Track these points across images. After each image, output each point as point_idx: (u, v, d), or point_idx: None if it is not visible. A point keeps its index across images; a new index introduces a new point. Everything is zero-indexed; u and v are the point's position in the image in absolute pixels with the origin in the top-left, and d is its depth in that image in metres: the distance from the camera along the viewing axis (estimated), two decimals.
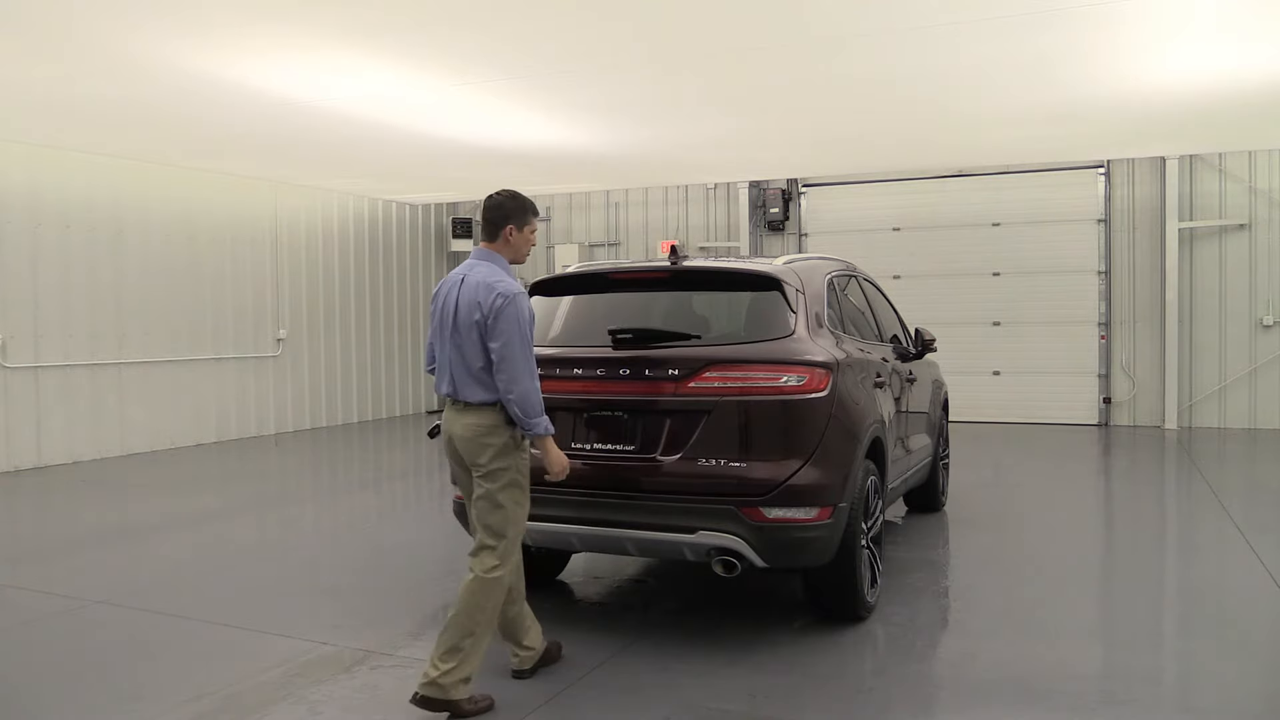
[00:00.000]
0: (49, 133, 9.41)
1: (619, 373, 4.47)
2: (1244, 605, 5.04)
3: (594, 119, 9.19)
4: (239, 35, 6.41)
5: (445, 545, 6.29)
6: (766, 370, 4.33)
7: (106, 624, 4.91)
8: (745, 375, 4.32)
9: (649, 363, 4.43)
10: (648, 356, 4.44)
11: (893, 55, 7.20)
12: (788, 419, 4.32)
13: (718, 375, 4.32)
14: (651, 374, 4.41)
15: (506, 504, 3.76)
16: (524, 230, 3.94)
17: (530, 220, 3.97)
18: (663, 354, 4.43)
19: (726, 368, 4.34)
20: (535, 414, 3.69)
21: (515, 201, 3.94)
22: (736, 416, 4.30)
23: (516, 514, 3.81)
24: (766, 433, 4.32)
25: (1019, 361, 12.97)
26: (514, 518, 3.81)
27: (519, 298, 3.71)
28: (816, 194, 14.00)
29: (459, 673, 3.59)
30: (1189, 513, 7.89)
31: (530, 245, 4.01)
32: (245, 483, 9.57)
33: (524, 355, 3.68)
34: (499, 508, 3.75)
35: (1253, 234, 11.93)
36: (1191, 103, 8.72)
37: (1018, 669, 4.14)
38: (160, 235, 11.23)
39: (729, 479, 4.26)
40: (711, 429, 4.30)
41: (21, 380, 9.82)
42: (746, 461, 4.27)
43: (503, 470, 3.74)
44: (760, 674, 4.05)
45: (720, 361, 4.36)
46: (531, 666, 4.04)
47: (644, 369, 4.42)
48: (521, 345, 3.68)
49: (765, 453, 4.28)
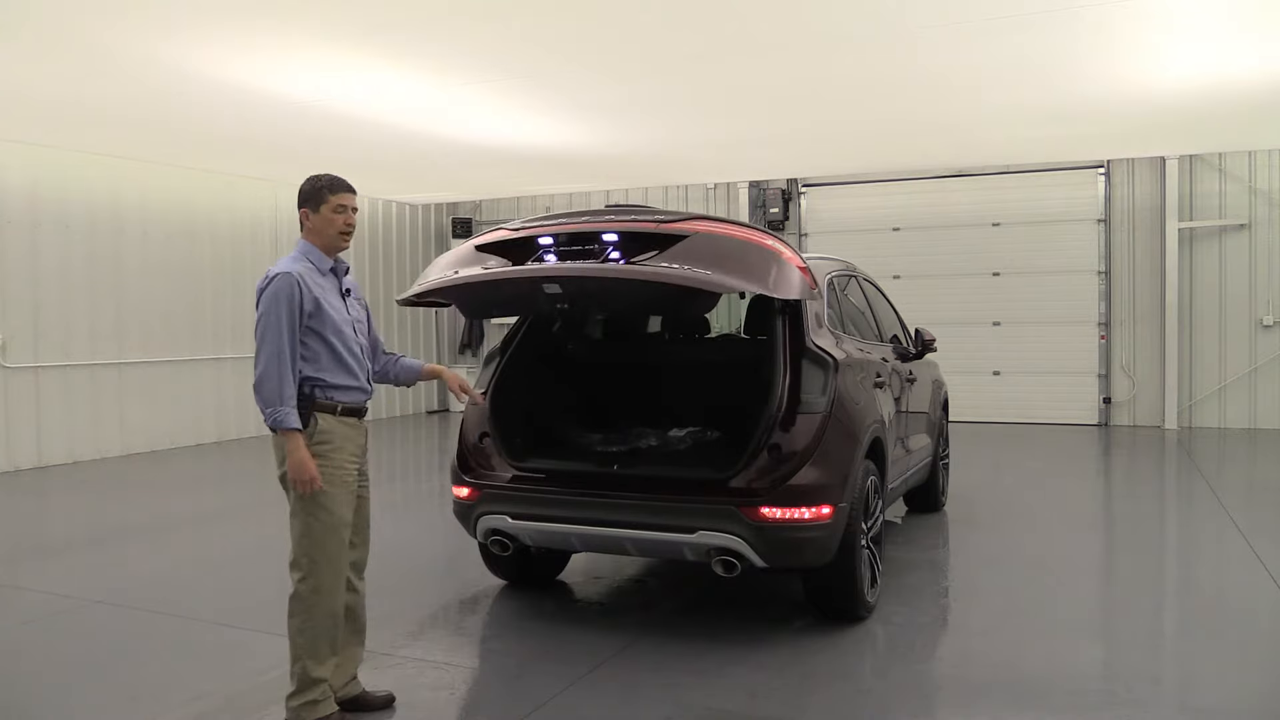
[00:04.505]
0: (49, 133, 9.41)
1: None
2: (1244, 605, 5.04)
3: (594, 119, 9.19)
4: (239, 35, 6.42)
5: (445, 545, 6.30)
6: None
7: (106, 624, 4.90)
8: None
9: None
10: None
11: (893, 55, 7.20)
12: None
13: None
14: None
15: (299, 514, 3.45)
16: (321, 210, 3.52)
17: (327, 196, 3.52)
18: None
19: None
20: (270, 402, 3.33)
21: (309, 183, 3.56)
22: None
23: (311, 526, 3.44)
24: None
25: (1019, 361, 12.97)
26: (309, 530, 3.44)
27: (279, 278, 3.40)
28: (816, 194, 13.99)
29: (294, 700, 3.45)
30: (1189, 513, 7.89)
31: (339, 225, 3.53)
32: (245, 483, 9.56)
33: (273, 336, 3.35)
34: (294, 517, 3.47)
35: (1253, 234, 11.92)
36: (1191, 103, 8.72)
37: (1018, 669, 4.14)
38: (160, 235, 11.23)
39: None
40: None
41: (21, 380, 9.81)
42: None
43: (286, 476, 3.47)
44: (760, 674, 4.04)
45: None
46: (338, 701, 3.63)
47: None
48: (272, 325, 3.35)
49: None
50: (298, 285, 3.42)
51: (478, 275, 4.26)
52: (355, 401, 3.59)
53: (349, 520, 3.55)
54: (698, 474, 4.46)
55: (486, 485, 4.69)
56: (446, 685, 4.01)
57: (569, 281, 4.15)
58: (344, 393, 3.54)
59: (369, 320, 3.81)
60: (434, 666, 4.20)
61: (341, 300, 3.62)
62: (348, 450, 3.54)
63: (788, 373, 4.38)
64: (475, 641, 4.71)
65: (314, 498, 3.44)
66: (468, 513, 4.74)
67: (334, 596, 3.49)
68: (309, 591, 3.45)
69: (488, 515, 4.64)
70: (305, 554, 3.46)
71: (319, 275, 3.54)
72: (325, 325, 3.49)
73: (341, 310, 3.59)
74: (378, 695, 3.76)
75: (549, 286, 4.15)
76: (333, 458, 3.49)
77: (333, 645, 3.52)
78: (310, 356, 3.48)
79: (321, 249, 3.58)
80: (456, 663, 4.34)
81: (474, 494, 4.71)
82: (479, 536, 4.77)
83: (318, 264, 3.56)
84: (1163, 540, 6.97)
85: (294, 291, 3.40)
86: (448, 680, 4.07)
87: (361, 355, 3.64)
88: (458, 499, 4.81)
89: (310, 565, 3.46)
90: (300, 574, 3.46)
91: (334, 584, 3.49)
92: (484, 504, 4.66)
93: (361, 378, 3.61)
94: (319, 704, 3.46)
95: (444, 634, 4.78)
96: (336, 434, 3.51)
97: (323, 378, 3.49)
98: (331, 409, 3.50)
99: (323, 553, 3.46)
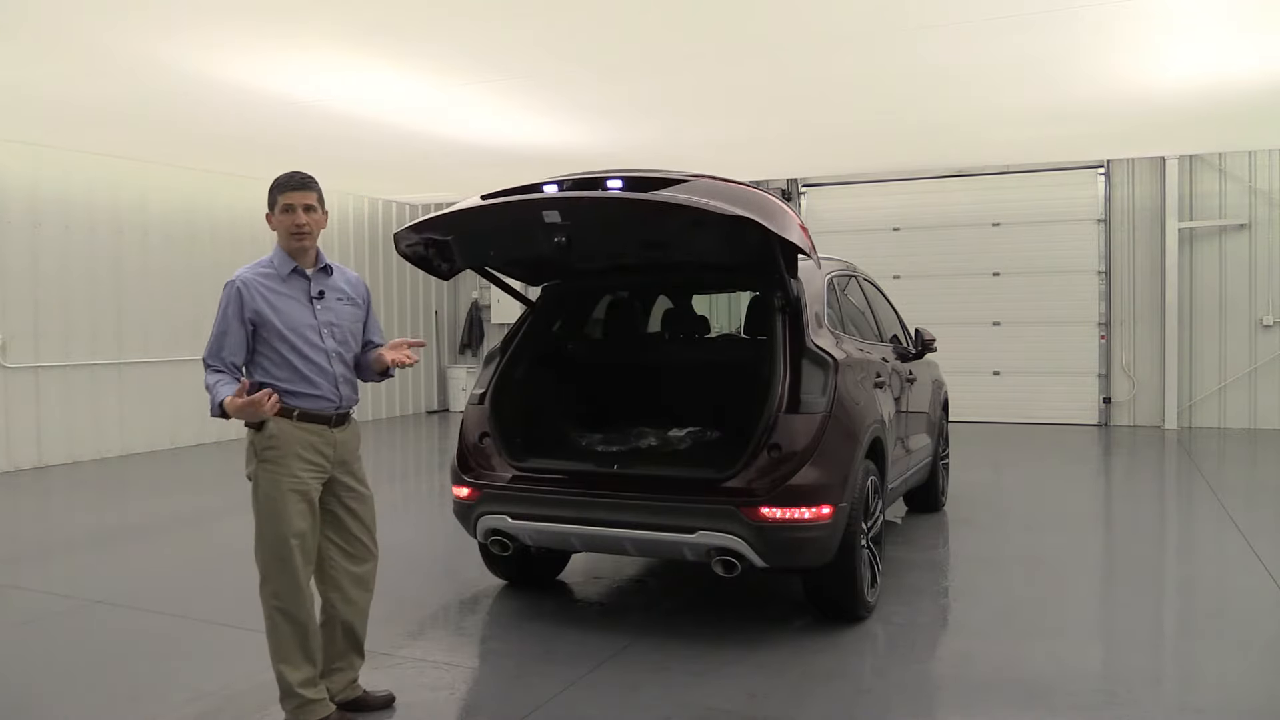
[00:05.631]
0: (49, 133, 9.41)
1: None
2: (1244, 605, 5.04)
3: (594, 119, 9.20)
4: (239, 35, 6.41)
5: (445, 545, 6.30)
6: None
7: (106, 624, 4.91)
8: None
9: None
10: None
11: (893, 55, 7.20)
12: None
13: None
14: None
15: (256, 513, 3.45)
16: (274, 211, 3.49)
17: (276, 198, 3.46)
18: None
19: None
20: (212, 399, 3.36)
21: (271, 185, 3.52)
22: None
23: (263, 532, 3.41)
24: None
25: (1019, 361, 12.97)
26: (261, 535, 3.42)
27: (227, 285, 3.44)
28: (816, 194, 13.99)
29: (284, 704, 3.45)
30: (1189, 513, 7.89)
31: (286, 226, 3.46)
32: (245, 483, 9.54)
33: (212, 335, 3.42)
34: (256, 516, 3.46)
35: (1253, 234, 11.92)
36: (1191, 103, 8.72)
37: (1018, 669, 4.14)
38: (160, 235, 11.23)
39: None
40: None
41: (21, 380, 9.81)
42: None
43: (250, 476, 3.48)
44: (760, 674, 4.04)
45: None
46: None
47: None
48: (216, 326, 3.42)
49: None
50: (239, 292, 3.42)
51: (476, 203, 4.25)
52: (317, 408, 3.48)
53: (302, 530, 3.42)
54: (698, 474, 4.46)
55: (486, 485, 4.69)
56: (446, 685, 4.01)
57: (570, 210, 4.10)
58: (299, 399, 3.45)
59: (367, 321, 3.72)
60: (434, 666, 4.20)
61: (307, 304, 3.51)
62: (303, 458, 3.42)
63: (788, 373, 4.38)
64: (475, 641, 4.72)
65: (264, 503, 3.41)
66: (468, 513, 4.74)
67: (293, 604, 3.41)
68: (268, 596, 3.43)
69: (488, 515, 4.64)
70: (260, 559, 3.45)
71: (276, 280, 3.48)
72: (270, 331, 3.42)
73: (300, 314, 3.48)
74: (378, 695, 3.75)
75: (549, 215, 4.11)
76: (282, 464, 3.40)
77: (304, 651, 3.45)
78: (261, 361, 3.47)
79: (286, 252, 3.52)
80: (456, 663, 4.34)
81: (474, 494, 4.71)
82: (479, 536, 4.77)
83: (278, 268, 3.50)
84: (1162, 540, 6.97)
85: (229, 299, 3.42)
86: (448, 680, 4.07)
87: (330, 360, 3.51)
88: (458, 499, 4.81)
89: (264, 571, 3.43)
90: (259, 577, 3.45)
91: (291, 592, 3.41)
92: (484, 504, 4.66)
93: (323, 383, 3.48)
94: (311, 705, 3.45)
95: (444, 634, 4.78)
96: (288, 439, 3.41)
97: (273, 383, 3.42)
98: (288, 413, 3.41)
99: (275, 560, 3.41)
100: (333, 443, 3.52)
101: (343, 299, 3.63)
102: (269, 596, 3.43)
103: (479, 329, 15.74)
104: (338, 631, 3.61)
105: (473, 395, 5.04)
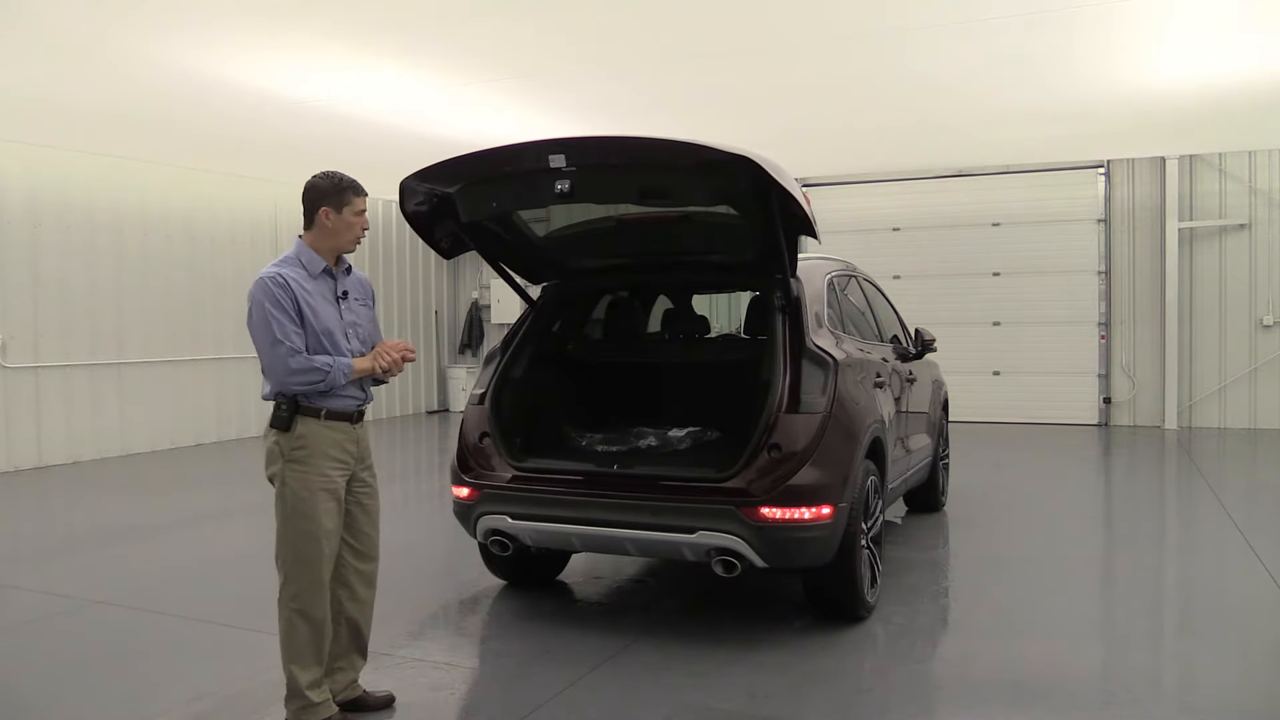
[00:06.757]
0: (49, 133, 9.40)
1: None
2: (1244, 605, 5.04)
3: (595, 119, 9.18)
4: (239, 35, 6.42)
5: (445, 545, 6.30)
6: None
7: (106, 624, 4.90)
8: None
9: None
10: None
11: (893, 56, 7.20)
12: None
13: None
14: None
15: (279, 517, 3.42)
16: (343, 212, 3.44)
17: (351, 199, 3.45)
18: None
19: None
20: (318, 378, 3.33)
21: (329, 180, 3.45)
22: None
23: (288, 532, 3.40)
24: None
25: (1019, 361, 12.97)
26: (285, 535, 3.41)
27: (263, 280, 3.36)
28: (817, 194, 13.95)
29: (289, 704, 3.45)
30: (1189, 513, 7.89)
31: (357, 230, 3.49)
32: (245, 483, 9.55)
33: (262, 332, 3.33)
34: (278, 520, 3.42)
35: (1253, 234, 11.92)
36: (1192, 103, 8.72)
37: (1017, 669, 4.14)
38: (160, 235, 11.23)
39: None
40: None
41: (21, 380, 9.81)
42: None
43: (273, 477, 3.44)
44: (760, 674, 4.04)
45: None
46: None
47: None
48: (258, 324, 3.34)
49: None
50: (287, 285, 3.37)
51: (481, 150, 4.27)
52: (343, 407, 3.49)
53: (330, 529, 3.44)
54: (698, 474, 4.46)
55: (486, 485, 4.69)
56: (446, 685, 4.01)
57: (575, 152, 4.10)
58: (327, 398, 3.44)
59: (374, 322, 3.73)
60: (434, 666, 4.20)
61: (335, 304, 3.51)
62: (332, 457, 3.45)
63: (788, 373, 4.38)
64: (475, 641, 4.72)
65: (293, 503, 3.39)
66: (468, 513, 4.74)
67: (314, 605, 3.42)
68: (288, 598, 3.43)
69: (488, 515, 4.64)
70: (282, 559, 3.44)
71: (308, 279, 3.45)
72: (306, 330, 3.40)
73: (332, 314, 3.48)
74: (378, 695, 3.75)
75: (554, 159, 4.11)
76: (312, 464, 3.41)
77: (317, 652, 3.45)
78: None
79: (323, 250, 3.49)
80: (456, 663, 4.34)
81: (474, 494, 4.71)
82: (479, 536, 4.77)
83: (308, 267, 3.47)
84: (1162, 540, 6.97)
85: (279, 292, 3.35)
86: (448, 680, 4.07)
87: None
88: (458, 499, 4.81)
89: (287, 571, 3.42)
90: (280, 579, 3.45)
91: (313, 592, 3.42)
92: (484, 504, 4.66)
93: (348, 383, 3.50)
94: (315, 706, 3.44)
95: (444, 634, 4.78)
96: (318, 439, 3.42)
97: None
98: (315, 413, 3.42)
99: (299, 560, 3.40)
100: (355, 439, 3.57)
101: (360, 300, 3.66)
102: (289, 599, 3.43)
103: (479, 329, 15.74)
104: (343, 630, 3.61)
105: (473, 395, 5.04)
